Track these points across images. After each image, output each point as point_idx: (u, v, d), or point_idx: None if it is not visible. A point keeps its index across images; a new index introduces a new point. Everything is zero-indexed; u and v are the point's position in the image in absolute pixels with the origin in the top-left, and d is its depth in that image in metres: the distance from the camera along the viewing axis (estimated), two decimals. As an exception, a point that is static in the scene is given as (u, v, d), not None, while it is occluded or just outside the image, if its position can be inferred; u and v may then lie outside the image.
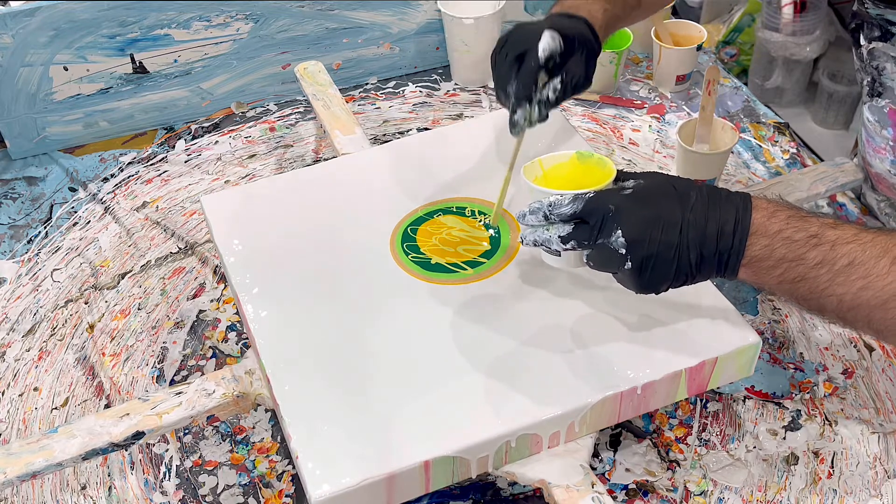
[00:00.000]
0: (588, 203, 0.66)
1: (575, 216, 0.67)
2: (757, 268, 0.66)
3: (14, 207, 1.16)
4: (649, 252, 0.64)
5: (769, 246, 0.65)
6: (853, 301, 0.64)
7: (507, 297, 0.79)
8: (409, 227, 0.87)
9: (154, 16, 1.18)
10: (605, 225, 0.65)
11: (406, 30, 1.29)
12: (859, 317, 0.65)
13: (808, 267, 0.64)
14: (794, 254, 0.64)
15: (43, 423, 0.90)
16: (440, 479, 0.70)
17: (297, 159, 1.20)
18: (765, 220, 0.65)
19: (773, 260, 0.65)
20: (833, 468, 0.81)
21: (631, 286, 0.68)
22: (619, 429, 0.85)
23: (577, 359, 0.74)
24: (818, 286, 0.65)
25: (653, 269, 0.65)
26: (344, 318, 0.79)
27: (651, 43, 1.23)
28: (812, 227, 0.65)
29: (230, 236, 0.87)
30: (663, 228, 0.65)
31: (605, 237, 0.65)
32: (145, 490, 0.84)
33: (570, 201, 0.66)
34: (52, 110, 1.21)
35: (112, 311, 1.01)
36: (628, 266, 0.65)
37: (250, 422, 0.89)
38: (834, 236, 0.65)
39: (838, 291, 0.64)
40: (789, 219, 0.65)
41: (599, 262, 0.68)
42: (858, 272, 0.63)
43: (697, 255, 0.65)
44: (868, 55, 0.92)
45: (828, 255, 0.64)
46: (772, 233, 0.65)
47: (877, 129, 0.96)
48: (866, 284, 0.63)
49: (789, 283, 0.65)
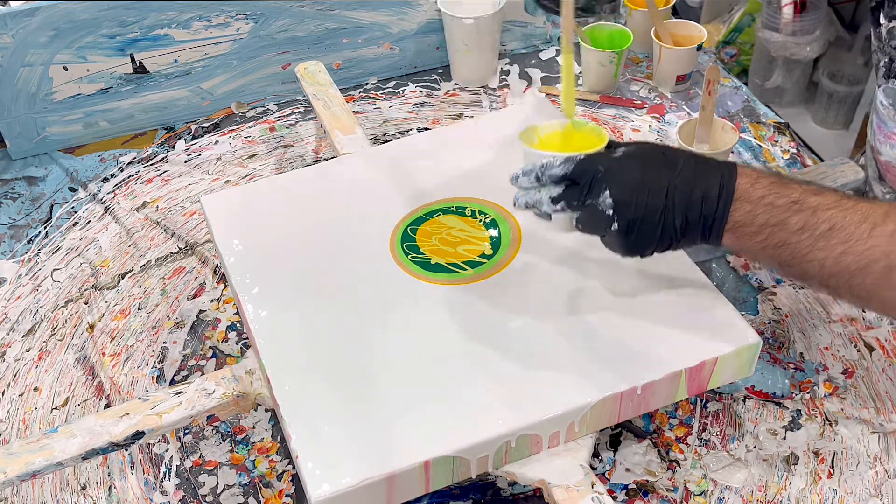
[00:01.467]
0: (579, 164, 0.68)
1: (566, 177, 0.69)
2: (740, 233, 0.67)
3: (14, 207, 1.16)
4: (636, 215, 0.66)
5: (752, 211, 0.66)
6: (834, 266, 0.65)
7: (507, 297, 0.79)
8: (408, 227, 0.87)
9: (154, 16, 1.18)
10: (594, 186, 0.67)
11: (406, 30, 1.29)
12: (841, 283, 0.65)
13: (789, 232, 0.65)
14: (777, 219, 0.66)
15: (43, 423, 0.90)
16: (440, 479, 0.70)
17: (297, 159, 1.20)
18: (748, 186, 0.66)
19: (756, 225, 0.66)
20: (833, 468, 0.81)
21: (617, 249, 0.70)
22: (619, 429, 0.85)
23: (577, 359, 0.74)
24: (800, 251, 0.65)
25: (638, 232, 0.67)
26: (344, 317, 0.79)
27: (651, 43, 1.23)
28: (794, 192, 0.66)
29: (230, 236, 0.87)
30: (650, 192, 0.66)
31: (593, 198, 0.67)
32: (145, 490, 0.84)
33: (561, 162, 0.69)
34: (52, 110, 1.21)
35: (112, 311, 1.01)
36: (615, 227, 0.67)
37: (250, 422, 0.89)
38: (816, 202, 0.65)
39: (819, 256, 0.65)
40: (772, 185, 0.67)
41: (588, 225, 0.70)
42: (839, 237, 0.64)
43: (682, 220, 0.67)
44: (888, 34, 0.92)
45: (809, 221, 0.65)
46: (755, 198, 0.66)
47: (890, 114, 0.95)
48: (847, 249, 0.64)
49: (772, 248, 0.66)
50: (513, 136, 0.95)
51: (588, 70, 1.24)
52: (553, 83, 1.29)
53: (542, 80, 1.29)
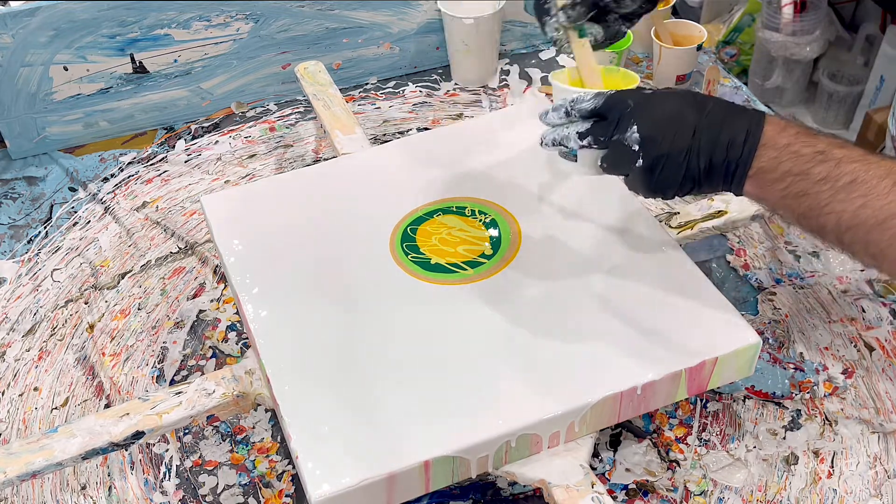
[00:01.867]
0: (609, 99, 0.68)
1: (595, 112, 0.69)
2: (762, 180, 0.67)
3: (14, 207, 1.16)
4: (661, 152, 0.66)
5: (777, 158, 0.66)
6: (851, 220, 0.64)
7: (507, 297, 0.79)
8: (408, 226, 0.87)
9: (154, 16, 1.18)
10: (622, 120, 0.67)
11: (406, 30, 1.29)
12: (857, 238, 0.65)
13: (811, 182, 0.65)
14: (800, 168, 0.65)
15: (43, 423, 0.90)
16: (440, 479, 0.70)
17: (297, 159, 1.20)
18: (775, 134, 0.66)
19: (779, 173, 0.66)
20: (833, 468, 0.81)
21: (640, 187, 0.70)
22: (619, 429, 0.85)
23: (576, 359, 0.74)
24: (819, 202, 0.65)
25: (662, 170, 0.67)
26: (344, 317, 0.79)
27: (651, 43, 1.23)
28: (820, 144, 0.66)
29: (230, 236, 0.87)
30: (678, 130, 0.66)
31: (620, 133, 0.67)
32: (145, 490, 0.84)
33: (591, 97, 0.69)
34: (52, 110, 1.21)
35: (112, 311, 1.01)
36: (639, 164, 0.67)
37: (250, 422, 0.89)
38: (840, 154, 0.65)
39: (837, 209, 0.65)
40: (798, 134, 0.66)
41: (613, 162, 0.70)
42: (860, 190, 0.64)
43: (707, 162, 0.67)
44: None
45: (832, 172, 0.65)
46: (780, 146, 0.66)
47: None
48: (866, 203, 0.64)
49: (792, 198, 0.66)
50: (513, 136, 0.95)
51: (588, 70, 1.24)
52: (553, 83, 1.28)
53: (542, 80, 1.29)
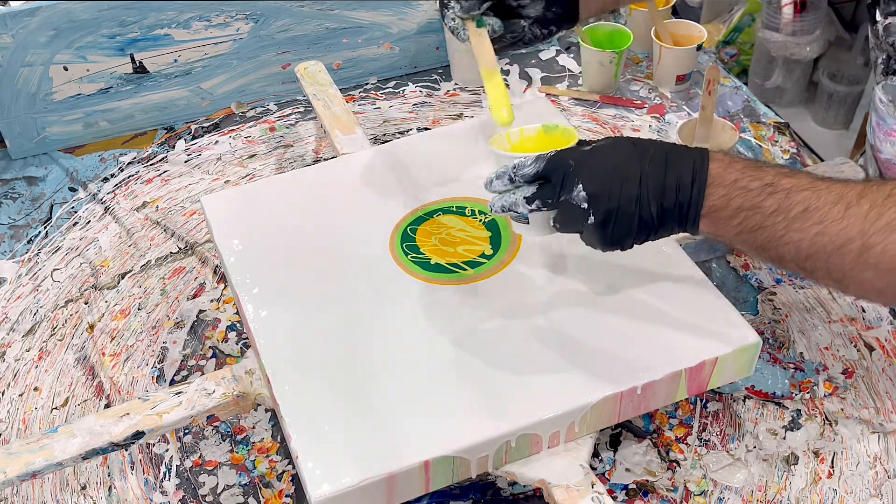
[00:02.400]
0: (549, 161, 0.68)
1: (538, 176, 0.68)
2: (715, 218, 0.67)
3: (14, 207, 1.16)
4: (611, 206, 0.66)
5: (726, 195, 0.66)
6: (810, 247, 0.64)
7: (507, 297, 0.79)
8: (408, 226, 0.87)
9: (154, 16, 1.18)
10: (566, 181, 0.67)
11: (406, 30, 1.29)
12: (818, 265, 0.65)
13: (764, 215, 0.65)
14: (751, 202, 0.65)
15: (43, 423, 0.90)
16: (440, 479, 0.70)
17: (297, 159, 1.20)
18: (721, 171, 0.66)
19: (731, 209, 0.66)
20: (833, 468, 0.81)
21: (597, 243, 0.69)
22: (619, 429, 0.85)
23: (577, 359, 0.74)
24: (775, 234, 0.65)
25: (615, 223, 0.67)
26: (344, 317, 0.79)
27: (651, 43, 1.23)
28: (767, 175, 0.66)
29: (230, 236, 0.87)
30: (623, 180, 0.66)
31: (567, 193, 0.67)
32: (145, 490, 0.84)
33: (532, 161, 0.69)
34: (52, 110, 1.21)
35: (112, 311, 1.01)
36: (591, 221, 0.67)
37: (250, 422, 0.89)
38: (789, 184, 0.65)
39: (795, 238, 0.65)
40: (745, 168, 0.67)
41: (565, 222, 0.69)
42: (814, 218, 0.64)
43: (658, 207, 0.66)
44: (884, 31, 0.92)
45: (783, 203, 0.65)
46: (728, 182, 0.66)
47: (890, 111, 0.95)
48: (822, 230, 0.64)
49: (747, 232, 0.66)
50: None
51: (588, 70, 1.24)
52: (553, 83, 1.29)
53: (542, 80, 1.29)
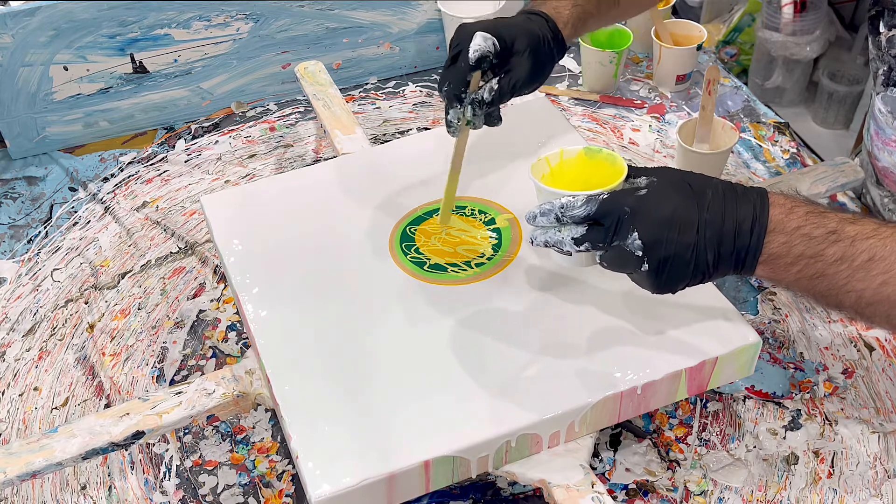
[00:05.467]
0: (602, 205, 0.65)
1: (588, 218, 0.65)
2: (775, 265, 0.65)
3: (14, 207, 1.16)
4: (667, 254, 0.63)
5: (787, 243, 0.64)
6: (873, 296, 0.63)
7: (507, 297, 0.79)
8: (408, 226, 0.87)
9: (154, 15, 1.18)
10: (620, 227, 0.64)
11: (406, 30, 1.29)
12: (878, 312, 0.64)
13: (826, 263, 0.63)
14: (813, 250, 0.64)
15: (43, 423, 0.90)
16: (440, 479, 0.70)
17: (297, 159, 1.20)
18: (783, 217, 0.64)
19: (792, 257, 0.64)
20: (833, 468, 0.81)
21: (648, 287, 0.67)
22: (619, 429, 0.85)
23: (577, 359, 0.74)
24: (837, 282, 0.64)
25: (670, 270, 0.64)
26: (344, 317, 0.79)
27: (651, 43, 1.23)
28: (831, 222, 0.64)
29: (230, 236, 0.87)
30: (680, 229, 0.63)
31: (620, 239, 0.64)
32: (145, 490, 0.84)
33: (583, 203, 0.65)
34: (52, 110, 1.21)
35: (112, 311, 1.01)
36: (645, 268, 0.64)
37: (250, 422, 0.89)
38: (853, 231, 0.64)
39: (858, 287, 0.63)
40: (808, 215, 0.64)
41: (614, 264, 0.67)
42: (879, 267, 0.63)
43: (715, 255, 0.64)
44: (887, 43, 0.91)
45: (847, 251, 0.63)
46: (790, 229, 0.64)
47: (889, 121, 0.95)
48: (887, 280, 0.62)
49: (807, 279, 0.64)
50: (513, 136, 0.95)
51: (588, 70, 1.24)
52: (553, 83, 1.29)
53: (542, 80, 1.29)
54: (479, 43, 0.78)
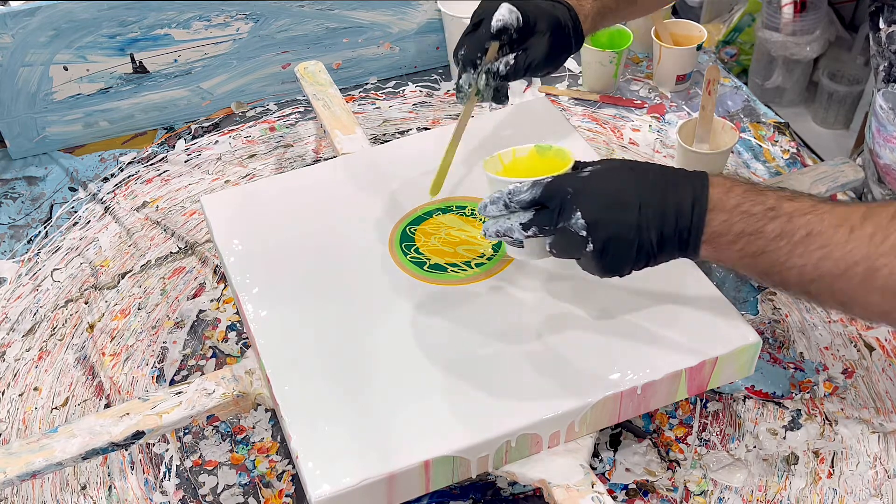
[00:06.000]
0: (547, 187, 0.67)
1: (535, 202, 0.67)
2: (717, 244, 0.66)
3: (14, 207, 1.16)
4: (609, 233, 0.65)
5: (727, 221, 0.65)
6: (814, 272, 0.64)
7: (507, 297, 0.79)
8: (408, 226, 0.87)
9: (154, 15, 1.18)
10: (564, 208, 0.66)
11: (406, 30, 1.29)
12: (822, 288, 0.64)
13: (767, 240, 0.64)
14: (753, 227, 0.65)
15: (43, 423, 0.90)
16: (440, 479, 0.70)
17: (297, 159, 1.20)
18: (722, 196, 0.65)
19: (733, 235, 0.65)
20: (833, 468, 0.81)
21: (594, 270, 0.68)
22: (619, 429, 0.85)
23: (577, 359, 0.74)
24: (778, 259, 0.64)
25: (614, 251, 0.66)
26: (344, 317, 0.79)
27: (651, 43, 1.23)
28: (769, 200, 0.65)
29: (230, 236, 0.87)
30: (623, 208, 0.65)
31: (565, 220, 0.66)
32: (145, 490, 0.84)
33: (528, 187, 0.67)
34: (52, 110, 1.21)
35: (112, 311, 1.01)
36: (590, 248, 0.66)
37: (250, 422, 0.89)
38: (791, 208, 0.64)
39: (798, 263, 0.64)
40: (746, 192, 0.66)
41: (562, 248, 0.68)
42: (817, 242, 0.63)
43: (658, 235, 0.65)
44: (887, 39, 0.92)
45: (786, 227, 0.64)
46: (729, 207, 0.65)
47: (890, 118, 0.95)
48: (825, 255, 0.63)
49: (750, 257, 0.65)
50: (514, 136, 0.95)
51: (588, 70, 1.24)
52: (553, 83, 1.29)
53: (542, 80, 1.29)
54: (503, 13, 0.79)
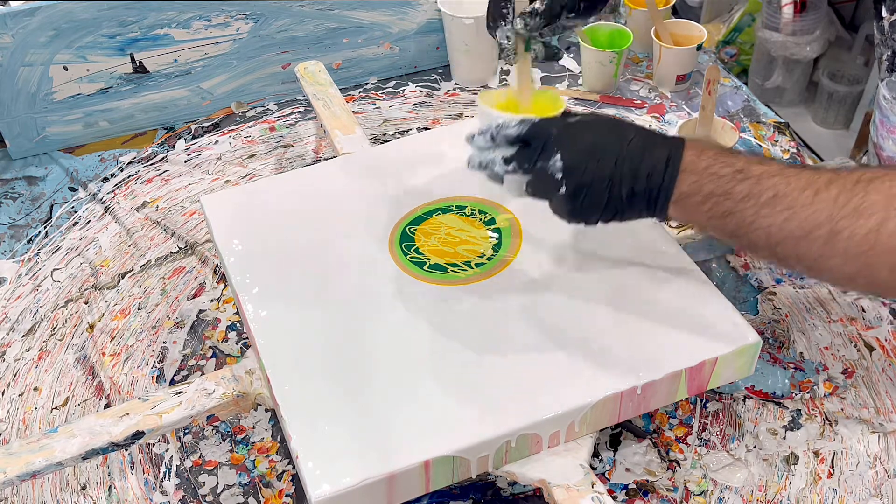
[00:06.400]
0: (532, 127, 0.70)
1: (519, 139, 0.70)
2: (685, 203, 0.67)
3: (14, 207, 1.16)
4: (584, 180, 0.67)
5: (697, 182, 0.67)
6: (779, 233, 0.65)
7: (507, 297, 0.79)
8: (408, 226, 0.87)
9: (154, 15, 1.18)
10: (545, 148, 0.68)
11: (406, 30, 1.29)
12: (788, 251, 0.66)
13: (734, 201, 0.66)
14: (722, 189, 0.66)
15: (43, 423, 0.90)
16: (440, 479, 0.70)
17: (297, 159, 1.20)
18: (694, 158, 0.67)
19: (702, 195, 0.67)
20: (833, 468, 0.81)
21: (563, 214, 0.70)
22: (619, 429, 0.85)
23: (577, 359, 0.74)
24: (745, 219, 0.66)
25: (585, 197, 0.68)
26: (344, 317, 0.79)
27: (651, 43, 1.23)
28: (739, 162, 0.67)
29: (230, 236, 0.87)
30: (600, 158, 0.67)
31: (544, 161, 0.68)
32: (145, 490, 0.84)
33: (516, 124, 0.70)
34: (52, 110, 1.21)
35: (112, 311, 1.01)
36: (563, 191, 0.68)
37: (250, 422, 0.89)
38: (760, 171, 0.66)
39: (764, 224, 0.65)
40: (717, 155, 0.67)
41: (537, 189, 0.71)
42: (783, 203, 0.64)
43: (629, 190, 0.67)
44: (890, 27, 0.92)
45: (753, 189, 0.65)
46: (700, 169, 0.67)
47: (893, 108, 0.95)
48: (790, 216, 0.64)
49: (718, 218, 0.67)
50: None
51: (588, 70, 1.24)
52: (553, 83, 1.29)
53: (543, 80, 1.29)
54: None
